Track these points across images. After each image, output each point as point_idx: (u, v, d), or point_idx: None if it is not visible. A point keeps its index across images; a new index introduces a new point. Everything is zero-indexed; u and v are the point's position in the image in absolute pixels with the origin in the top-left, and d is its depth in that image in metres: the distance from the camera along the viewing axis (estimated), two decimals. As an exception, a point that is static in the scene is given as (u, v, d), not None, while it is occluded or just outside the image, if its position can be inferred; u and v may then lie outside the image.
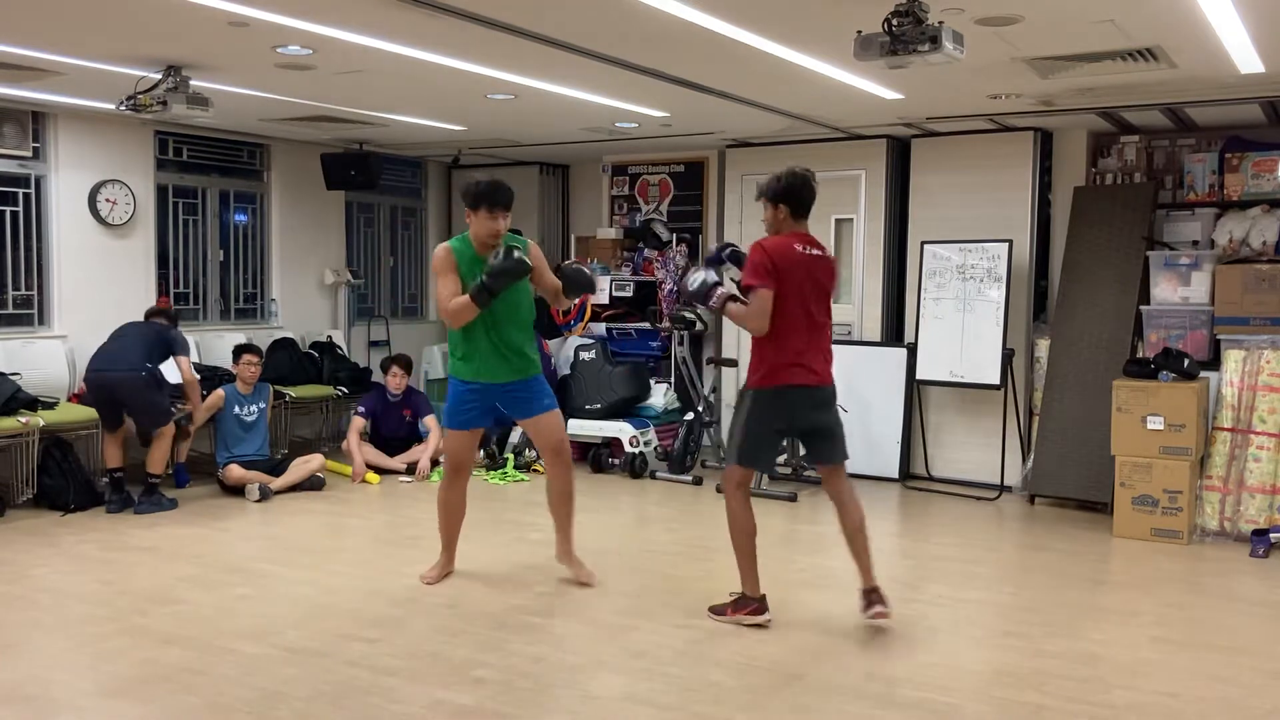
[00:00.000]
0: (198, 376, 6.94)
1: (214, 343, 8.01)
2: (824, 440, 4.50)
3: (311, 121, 7.52)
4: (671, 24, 4.53)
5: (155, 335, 6.63)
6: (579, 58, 5.22)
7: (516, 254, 4.53)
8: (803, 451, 4.48)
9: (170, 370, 6.66)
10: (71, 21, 4.79)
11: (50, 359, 7.04)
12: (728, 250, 5.33)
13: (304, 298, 8.98)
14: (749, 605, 4.47)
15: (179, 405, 6.75)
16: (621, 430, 7.80)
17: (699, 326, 8.29)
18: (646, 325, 8.52)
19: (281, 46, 5.15)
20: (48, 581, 5.03)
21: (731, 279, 4.97)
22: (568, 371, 8.34)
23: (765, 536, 5.36)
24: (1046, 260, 7.56)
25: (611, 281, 8.76)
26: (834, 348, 4.54)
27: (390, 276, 9.96)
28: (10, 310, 7.15)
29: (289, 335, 8.52)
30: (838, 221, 7.97)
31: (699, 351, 8.74)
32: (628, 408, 8.06)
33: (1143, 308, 6.79)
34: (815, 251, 4.43)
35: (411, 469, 7.60)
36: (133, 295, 7.59)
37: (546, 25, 4.70)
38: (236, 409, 7.16)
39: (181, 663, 3.97)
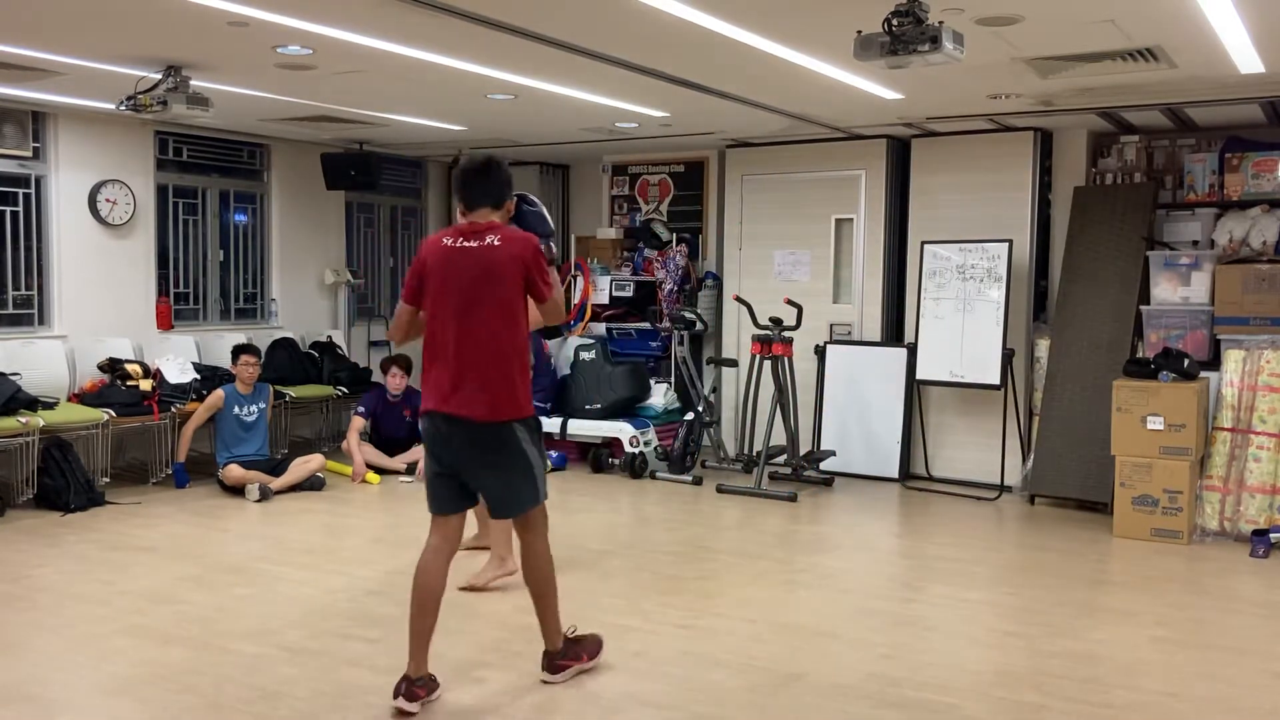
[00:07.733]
0: None
1: (214, 343, 8.01)
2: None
3: (311, 121, 7.52)
4: (671, 24, 4.53)
5: None
6: (579, 58, 5.22)
7: None
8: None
9: (174, 369, 6.52)
10: (72, 21, 4.78)
11: (50, 359, 7.03)
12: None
13: (304, 298, 8.97)
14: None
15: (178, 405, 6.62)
16: (621, 430, 7.80)
17: (699, 326, 8.29)
18: (646, 325, 8.52)
19: (281, 46, 5.15)
20: (48, 581, 5.03)
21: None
22: (568, 371, 8.34)
23: (765, 536, 5.37)
24: (1046, 260, 7.56)
25: (611, 281, 8.76)
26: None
27: (390, 276, 9.94)
28: (10, 310, 7.14)
29: (289, 335, 8.52)
30: (838, 221, 7.96)
31: (699, 351, 8.73)
32: (628, 408, 8.06)
33: (1143, 308, 6.79)
34: (468, 243, 3.58)
35: (411, 469, 7.60)
36: (133, 295, 7.60)
37: (546, 25, 4.70)
38: (236, 409, 7.16)
39: (181, 663, 3.97)
